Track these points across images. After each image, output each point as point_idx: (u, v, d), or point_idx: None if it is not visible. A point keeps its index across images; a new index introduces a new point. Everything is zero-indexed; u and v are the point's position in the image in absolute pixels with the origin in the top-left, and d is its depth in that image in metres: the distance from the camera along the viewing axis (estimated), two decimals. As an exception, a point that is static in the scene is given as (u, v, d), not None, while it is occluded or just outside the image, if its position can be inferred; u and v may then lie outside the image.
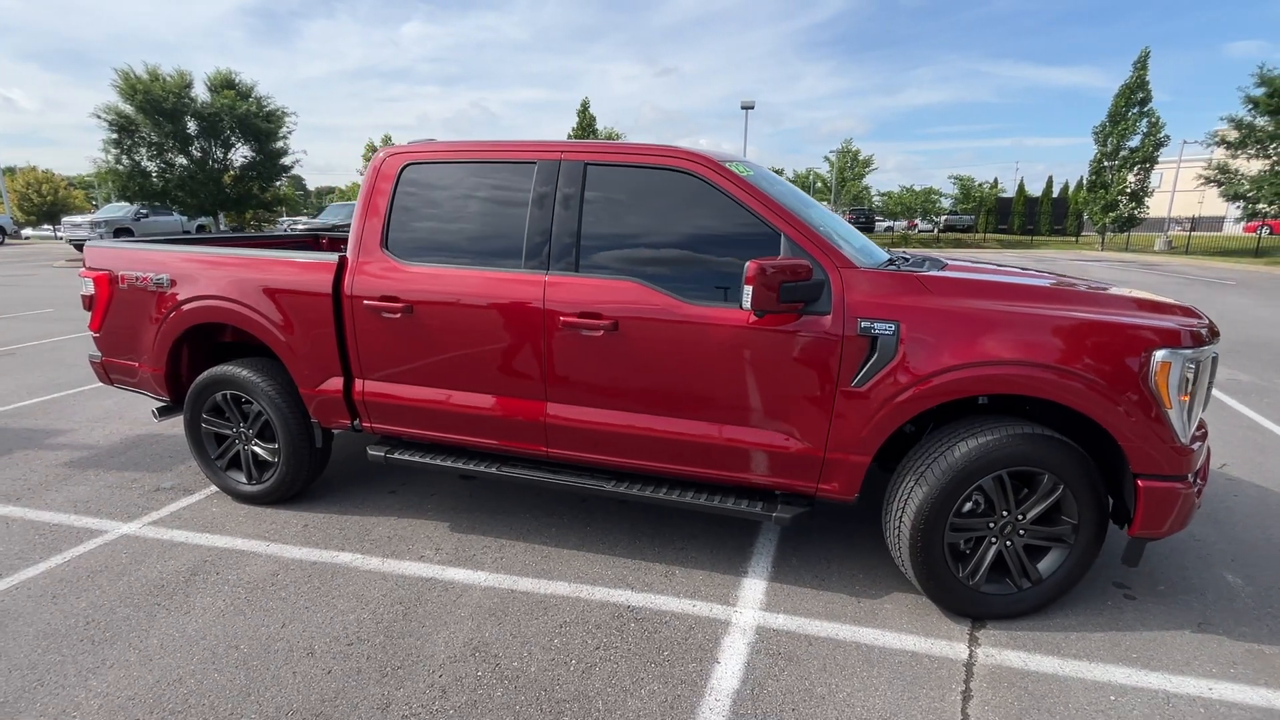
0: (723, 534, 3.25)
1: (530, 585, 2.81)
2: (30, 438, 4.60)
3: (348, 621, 2.55)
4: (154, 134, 21.53)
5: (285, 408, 3.32)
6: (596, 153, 2.80)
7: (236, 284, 3.22)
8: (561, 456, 2.94)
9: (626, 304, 2.65)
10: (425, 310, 2.92)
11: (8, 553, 3.06)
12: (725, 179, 2.64)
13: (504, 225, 2.91)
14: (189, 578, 2.85)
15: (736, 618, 2.58)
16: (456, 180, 3.02)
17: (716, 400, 2.64)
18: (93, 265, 3.61)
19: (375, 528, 3.32)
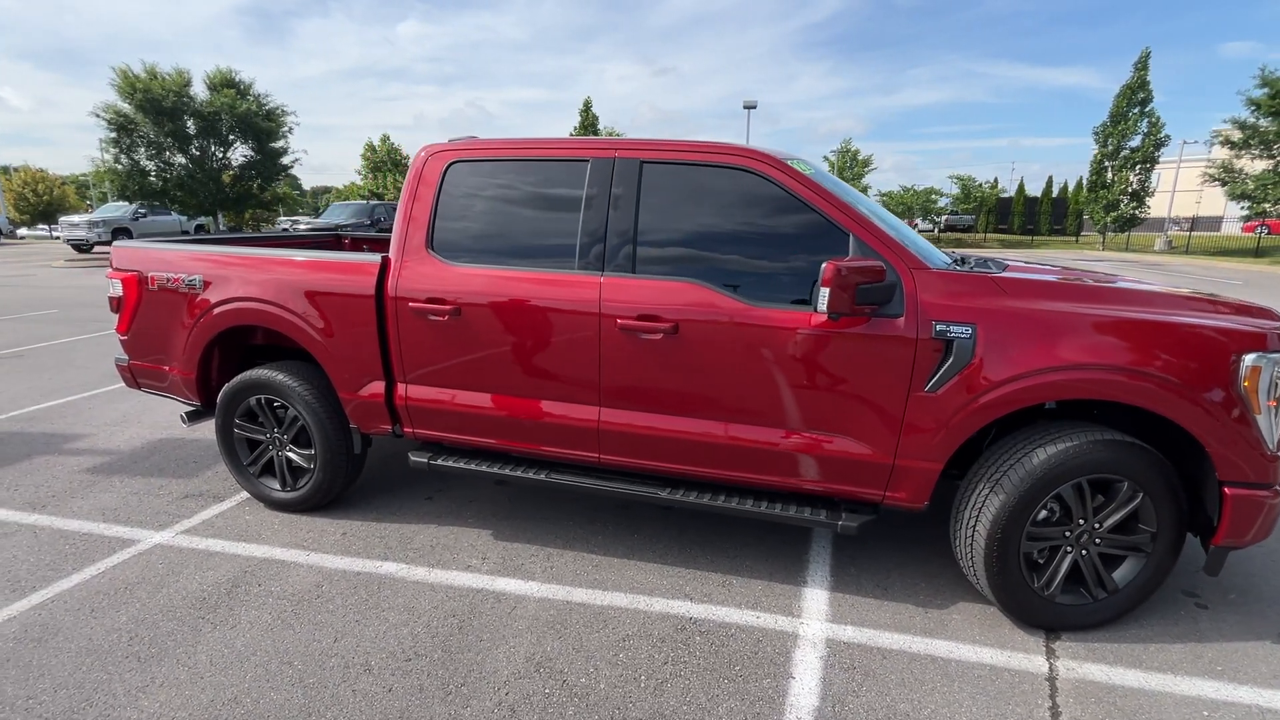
0: (774, 542, 3.17)
1: (585, 596, 2.72)
2: (49, 443, 4.49)
3: (402, 635, 2.46)
4: (153, 133, 21.35)
5: (322, 413, 3.23)
6: (653, 150, 2.72)
7: (274, 286, 3.12)
8: (614, 463, 2.86)
9: (687, 306, 2.57)
10: (474, 312, 2.83)
11: (39, 564, 2.96)
12: (790, 178, 2.56)
13: (555, 225, 2.83)
14: (230, 590, 2.76)
15: (803, 630, 2.50)
16: (503, 178, 2.93)
17: (780, 405, 2.56)
18: (121, 266, 3.50)
19: (416, 536, 3.23)
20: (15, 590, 2.75)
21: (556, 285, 2.74)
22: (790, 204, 2.56)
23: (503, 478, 2.99)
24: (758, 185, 2.59)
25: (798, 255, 2.57)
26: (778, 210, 2.58)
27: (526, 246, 2.86)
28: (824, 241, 2.52)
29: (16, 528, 3.29)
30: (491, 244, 2.91)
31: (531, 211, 2.89)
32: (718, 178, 2.66)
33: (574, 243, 2.76)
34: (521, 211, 2.91)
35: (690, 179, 2.69)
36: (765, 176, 2.58)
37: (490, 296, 2.80)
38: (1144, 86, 24.84)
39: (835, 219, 2.50)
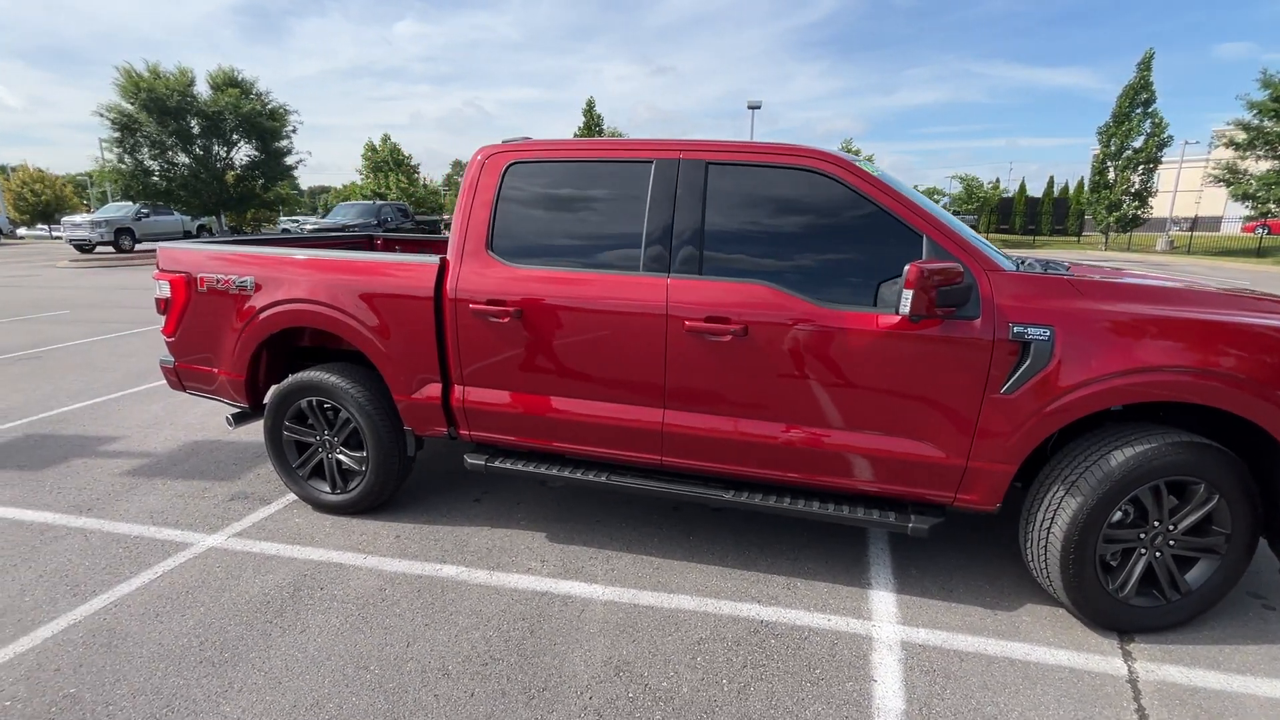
0: (831, 543, 3.17)
1: (652, 599, 2.71)
2: (84, 445, 4.46)
3: (474, 639, 2.45)
4: (157, 133, 21.26)
5: (375, 415, 3.21)
6: (718, 151, 2.71)
7: (330, 288, 3.10)
8: (677, 465, 2.85)
9: (758, 308, 2.56)
10: (536, 314, 2.81)
11: (95, 567, 2.93)
12: (861, 179, 2.55)
13: (617, 226, 2.82)
14: (293, 593, 2.74)
15: (876, 632, 2.50)
16: (564, 179, 2.92)
17: (851, 407, 2.55)
18: (168, 268, 3.48)
19: (471, 538, 3.21)
20: (75, 594, 2.72)
21: (622, 287, 2.72)
22: (860, 205, 2.55)
23: (561, 480, 2.98)
24: (827, 186, 2.59)
25: (867, 257, 2.57)
26: (847, 211, 2.58)
27: (588, 248, 2.85)
28: (895, 243, 2.52)
29: (66, 530, 3.27)
30: (552, 245, 2.89)
31: (593, 213, 2.88)
32: (786, 179, 2.65)
33: (638, 244, 2.75)
34: (583, 213, 2.89)
35: (757, 180, 2.68)
36: (835, 177, 2.57)
37: (554, 298, 2.79)
38: (1147, 87, 24.92)
39: (908, 220, 2.49)
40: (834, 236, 2.62)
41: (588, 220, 2.89)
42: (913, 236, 2.49)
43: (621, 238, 2.79)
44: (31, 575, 2.87)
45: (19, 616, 2.57)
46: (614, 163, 2.84)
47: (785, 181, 2.65)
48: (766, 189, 2.68)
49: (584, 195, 2.89)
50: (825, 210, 2.61)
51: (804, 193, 2.63)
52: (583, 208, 2.90)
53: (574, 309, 2.77)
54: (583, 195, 2.89)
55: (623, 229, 2.80)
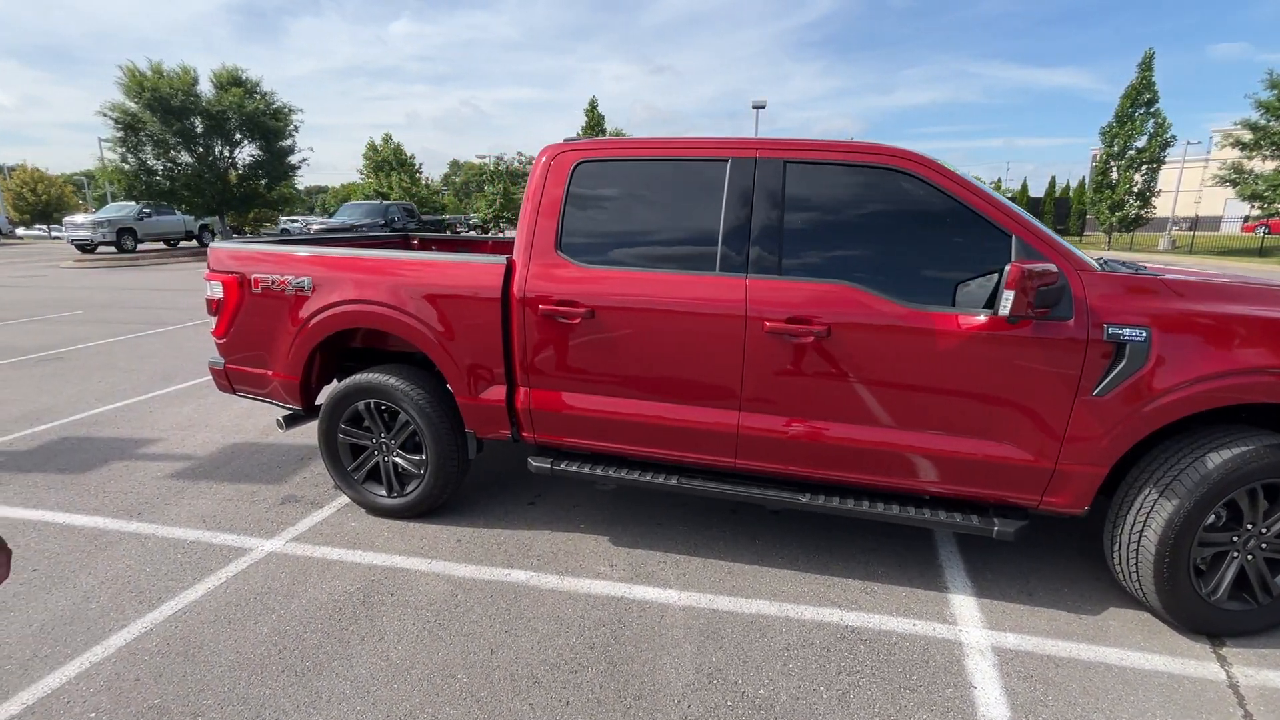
0: (899, 546, 3.13)
1: (729, 604, 2.67)
2: (121, 447, 4.40)
3: (558, 646, 2.40)
4: (161, 132, 21.11)
5: (435, 417, 3.16)
6: (797, 150, 2.67)
7: (393, 288, 3.05)
8: (751, 468, 2.81)
9: (842, 308, 2.52)
10: (609, 315, 2.77)
11: (157, 573, 2.88)
12: (947, 178, 2.52)
13: (692, 225, 2.77)
14: (364, 599, 2.69)
15: (965, 637, 2.46)
16: (636, 178, 2.88)
17: (936, 409, 2.51)
18: (220, 268, 3.42)
19: (533, 542, 3.17)
20: (143, 601, 2.67)
21: (698, 288, 2.68)
22: (946, 204, 2.52)
23: (630, 483, 2.94)
24: (911, 185, 2.55)
25: (951, 257, 2.54)
26: (932, 211, 2.54)
27: (660, 247, 2.81)
28: (981, 243, 2.48)
29: (120, 535, 3.21)
30: (624, 245, 2.85)
31: (665, 212, 2.84)
32: (868, 177, 2.61)
33: (713, 244, 2.71)
34: (654, 212, 2.85)
35: (838, 179, 2.64)
36: (919, 176, 2.54)
37: (627, 299, 2.75)
38: (1149, 87, 24.98)
39: (996, 220, 2.46)
40: (917, 236, 2.58)
41: (659, 219, 2.85)
42: (1001, 236, 2.45)
43: (695, 237, 2.75)
44: (93, 581, 2.81)
45: (88, 625, 2.52)
46: (687, 161, 2.80)
47: (866, 180, 2.61)
48: (847, 188, 2.64)
49: (655, 194, 2.85)
50: (908, 209, 2.57)
51: (886, 192, 2.60)
52: (654, 207, 2.85)
53: (649, 310, 2.73)
54: (654, 194, 2.85)
55: (696, 228, 2.76)
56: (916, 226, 2.58)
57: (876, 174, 2.60)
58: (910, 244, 2.59)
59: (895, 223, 2.60)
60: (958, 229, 2.52)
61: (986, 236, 2.48)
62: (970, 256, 2.50)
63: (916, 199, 2.55)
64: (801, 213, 2.65)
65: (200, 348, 7.51)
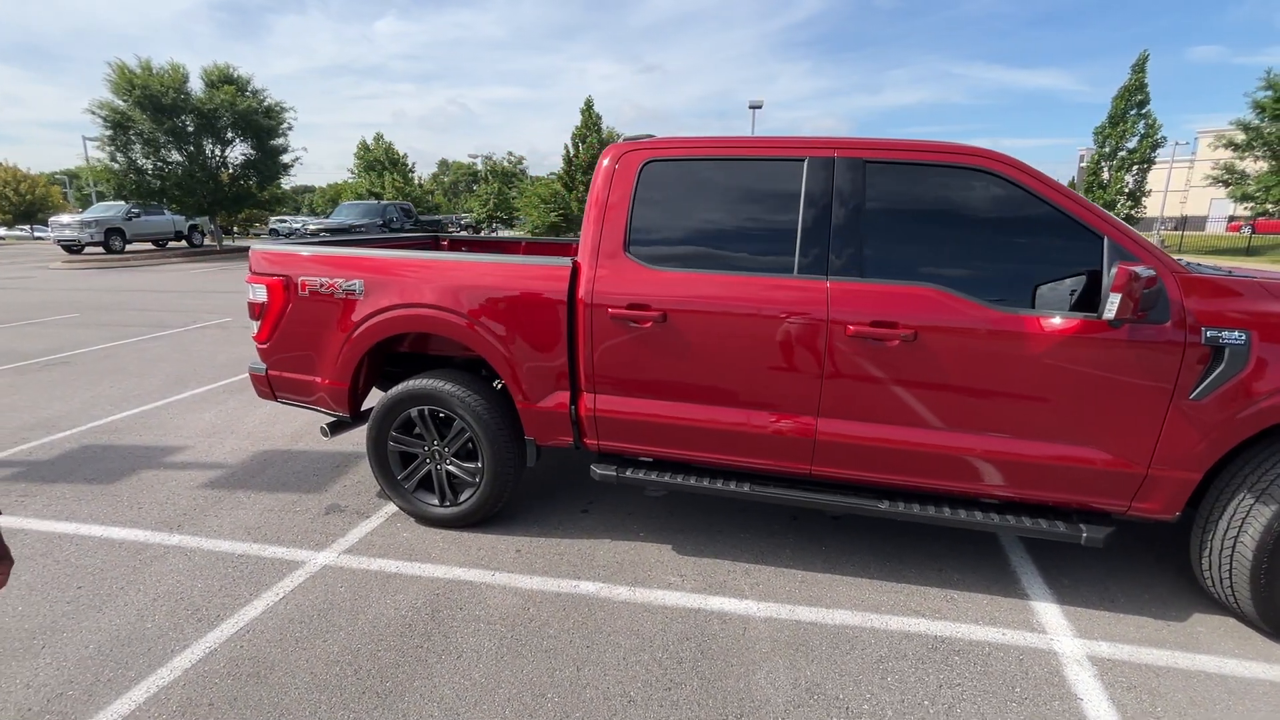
0: (968, 551, 3.09)
1: (811, 615, 2.61)
2: (148, 456, 4.26)
3: (645, 662, 2.33)
4: (152, 130, 20.71)
5: (492, 424, 3.07)
6: (876, 149, 2.61)
7: (452, 291, 2.96)
8: (828, 475, 2.75)
9: (929, 312, 2.47)
10: (683, 319, 2.70)
11: (210, 589, 2.77)
12: (1037, 180, 2.47)
13: (768, 227, 2.71)
14: (433, 615, 2.60)
15: (1058, 646, 2.41)
16: (706, 178, 2.80)
17: (1026, 414, 2.46)
18: (264, 270, 3.31)
19: (595, 552, 3.09)
20: (200, 620, 2.56)
21: (777, 291, 2.62)
22: (1035, 206, 2.47)
23: (699, 491, 2.86)
24: (998, 186, 2.50)
25: (1040, 259, 2.49)
26: (1019, 212, 2.49)
27: (734, 249, 2.74)
28: (1070, 244, 2.44)
29: (163, 549, 3.09)
30: (695, 247, 2.78)
31: (739, 212, 2.77)
32: (951, 178, 2.56)
33: (791, 246, 2.64)
34: (728, 212, 2.78)
35: (921, 179, 2.59)
36: (1007, 177, 2.49)
37: (703, 302, 2.67)
38: (1142, 89, 25.31)
39: (1088, 221, 2.41)
40: (1003, 238, 2.53)
41: (732, 220, 2.78)
42: (1092, 238, 2.41)
43: (770, 239, 2.69)
44: (144, 599, 2.69)
45: (148, 645, 2.41)
46: (760, 160, 2.73)
47: (951, 181, 2.56)
48: (930, 188, 2.59)
49: (728, 194, 2.78)
50: (995, 211, 2.52)
51: (972, 192, 2.54)
52: (726, 207, 2.78)
53: (725, 313, 2.65)
54: (726, 194, 2.78)
55: (771, 229, 2.69)
56: (1002, 228, 2.53)
57: (960, 174, 2.54)
58: (996, 246, 2.54)
59: (980, 224, 2.55)
60: (1046, 230, 2.47)
61: (1077, 238, 2.43)
62: (1059, 259, 2.46)
63: (1003, 200, 2.50)
64: (882, 213, 2.59)
65: (209, 352, 7.34)
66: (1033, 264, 2.51)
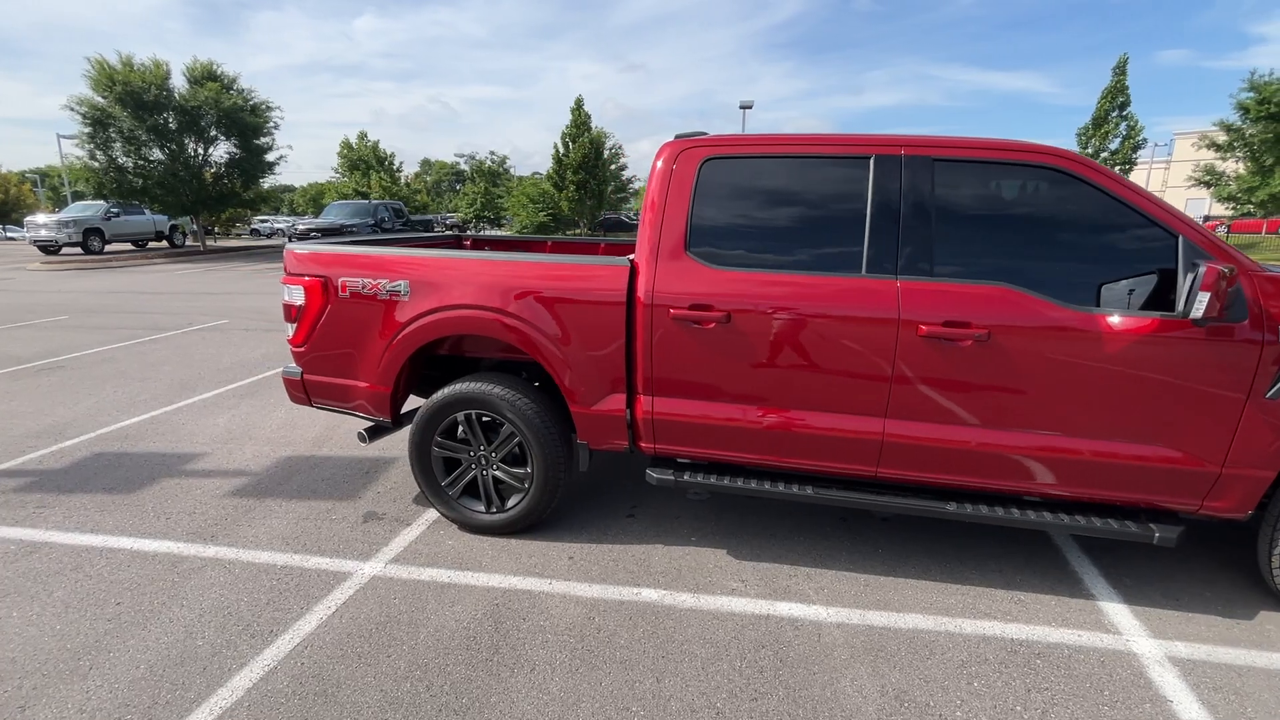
0: (1023, 550, 3.07)
1: (882, 619, 2.57)
2: (165, 464, 4.11)
3: (725, 671, 2.27)
4: (134, 127, 20.18)
5: (543, 428, 2.99)
6: (945, 147, 2.58)
7: (504, 291, 2.87)
8: (893, 477, 2.71)
9: (1003, 311, 2.44)
10: (748, 319, 2.64)
11: (257, 603, 2.66)
12: (1109, 178, 2.45)
13: (833, 225, 2.66)
14: (495, 626, 2.52)
15: (1135, 647, 2.40)
16: (769, 176, 2.76)
17: (1099, 413, 2.44)
18: (300, 271, 3.19)
19: (649, 558, 3.02)
20: (253, 635, 2.45)
21: (846, 290, 2.57)
22: (1107, 204, 2.45)
23: (761, 494, 2.81)
24: (1070, 185, 2.48)
25: (1112, 257, 2.48)
26: (1092, 211, 2.47)
27: (798, 248, 2.70)
28: (1144, 243, 2.43)
29: (200, 561, 2.97)
30: (758, 245, 2.73)
31: (804, 210, 2.72)
32: (1021, 176, 2.54)
33: (858, 245, 2.60)
34: (792, 210, 2.73)
35: (990, 177, 2.56)
36: (1079, 175, 2.46)
37: (769, 302, 2.62)
38: (1123, 90, 25.79)
39: (1162, 220, 2.40)
40: (1073, 236, 2.51)
41: (797, 218, 2.73)
42: (1167, 237, 2.40)
43: (836, 237, 2.64)
44: (189, 615, 2.58)
45: (203, 664, 2.30)
46: (825, 159, 2.69)
47: (1020, 179, 2.54)
48: (999, 186, 2.57)
49: (792, 192, 2.73)
50: (1065, 208, 2.50)
51: (1041, 191, 2.53)
52: (791, 205, 2.74)
53: (792, 314, 2.60)
54: (791, 192, 2.73)
55: (837, 228, 2.65)
56: (1072, 226, 2.51)
57: (1031, 172, 2.52)
58: (1065, 245, 2.53)
59: (1049, 223, 2.54)
60: (1119, 229, 2.46)
61: (1150, 237, 2.42)
62: (1131, 257, 2.45)
63: (1075, 198, 2.48)
64: (952, 212, 2.56)
65: (212, 355, 7.14)
66: (1104, 263, 2.49)
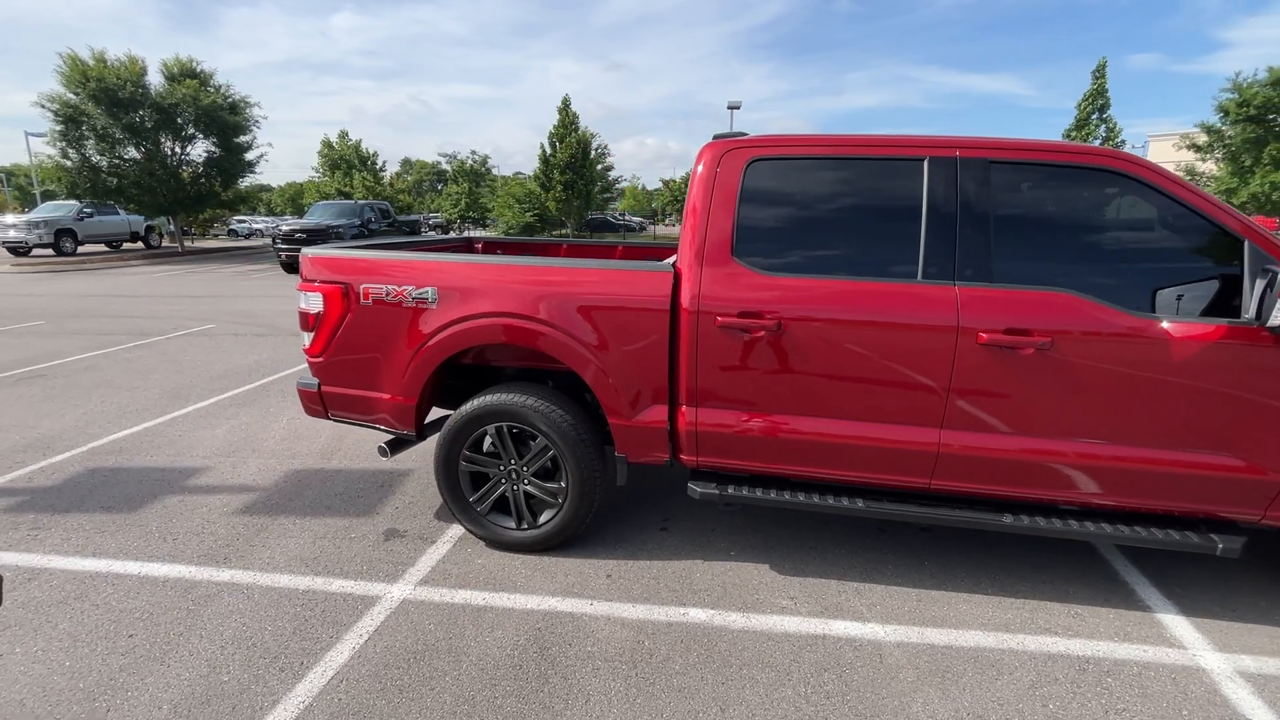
0: (1068, 561, 3.01)
1: (942, 637, 2.48)
2: (165, 480, 3.90)
3: (789, 698, 2.16)
4: (108, 126, 19.56)
5: (578, 441, 2.87)
6: (1000, 149, 2.50)
7: (540, 299, 2.74)
8: (948, 489, 2.63)
9: (1066, 318, 2.37)
10: (801, 327, 2.54)
11: (281, 632, 2.49)
12: (1171, 182, 2.39)
13: (886, 229, 2.58)
14: (541, 652, 2.39)
15: (1204, 662, 2.34)
16: (817, 177, 2.66)
17: (1163, 422, 2.39)
18: (319, 277, 3.03)
19: (691, 575, 2.91)
20: (283, 668, 2.29)
21: (904, 296, 2.48)
22: (1169, 208, 2.39)
23: (810, 508, 2.71)
24: (1129, 189, 2.42)
25: (1172, 262, 2.42)
26: (1151, 215, 2.42)
27: (850, 252, 2.60)
28: (1207, 248, 2.38)
29: (215, 587, 2.79)
30: (808, 250, 2.63)
31: (855, 214, 2.63)
32: (1080, 179, 2.47)
33: (913, 250, 2.51)
34: (842, 214, 2.64)
35: (1048, 181, 2.50)
36: (1140, 179, 2.40)
37: (824, 309, 2.52)
38: (1103, 93, 26.24)
39: (1226, 224, 2.35)
40: (1134, 241, 2.46)
41: (848, 222, 2.64)
42: (1229, 241, 2.35)
43: (891, 242, 2.56)
44: (211, 647, 2.41)
45: (232, 703, 2.14)
46: (877, 160, 2.60)
47: (1079, 183, 2.47)
48: (1057, 190, 2.50)
49: (842, 195, 2.64)
50: (1124, 213, 2.44)
51: (1101, 195, 2.46)
52: (841, 208, 2.64)
53: (848, 321, 2.51)
54: (841, 195, 2.64)
55: (889, 232, 2.56)
56: (1133, 231, 2.45)
57: (1089, 176, 2.46)
58: (1126, 250, 2.47)
59: (1109, 227, 2.48)
60: (1181, 233, 2.40)
61: (1214, 241, 2.36)
62: (1193, 262, 2.40)
63: (1135, 202, 2.42)
64: (1008, 216, 2.48)
65: (202, 362, 6.88)
66: (1164, 267, 2.44)
